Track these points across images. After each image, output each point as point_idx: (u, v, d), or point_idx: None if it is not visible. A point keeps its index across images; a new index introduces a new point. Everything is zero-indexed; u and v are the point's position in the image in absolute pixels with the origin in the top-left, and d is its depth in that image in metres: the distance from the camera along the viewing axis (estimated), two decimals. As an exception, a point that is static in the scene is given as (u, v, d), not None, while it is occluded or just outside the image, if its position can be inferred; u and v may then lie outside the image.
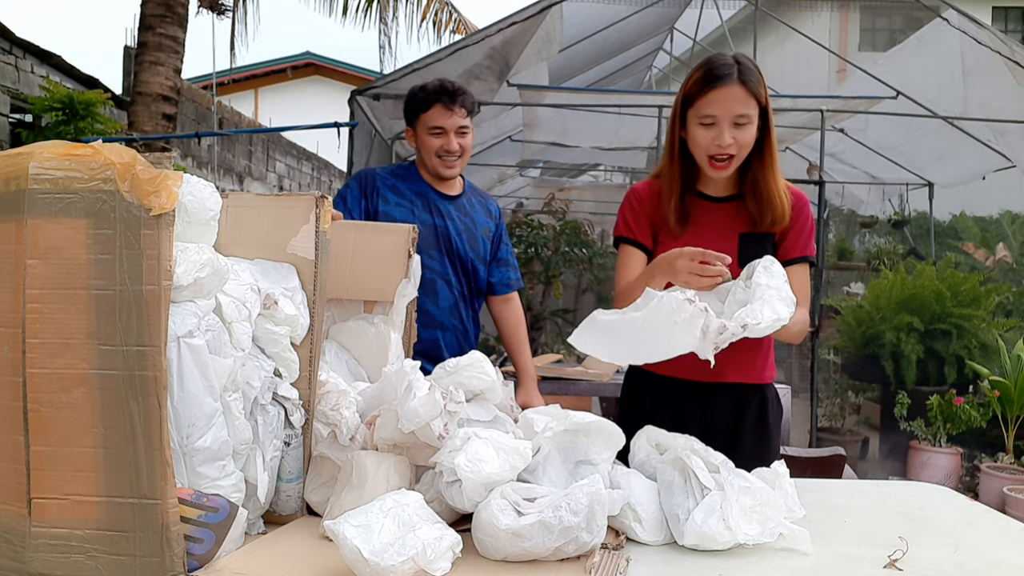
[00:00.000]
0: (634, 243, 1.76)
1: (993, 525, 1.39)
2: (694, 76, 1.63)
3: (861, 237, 8.60)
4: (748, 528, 1.16)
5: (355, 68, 15.31)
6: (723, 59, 1.61)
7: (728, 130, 1.59)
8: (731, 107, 1.58)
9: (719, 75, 1.58)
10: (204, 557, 1.03)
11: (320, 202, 1.30)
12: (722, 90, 1.58)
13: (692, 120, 1.63)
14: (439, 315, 2.26)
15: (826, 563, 1.14)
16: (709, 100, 1.59)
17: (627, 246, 1.77)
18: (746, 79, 1.58)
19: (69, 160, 1.00)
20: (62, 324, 0.99)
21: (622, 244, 1.79)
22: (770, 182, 1.67)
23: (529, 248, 5.54)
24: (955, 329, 4.83)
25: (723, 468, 1.25)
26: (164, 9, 4.54)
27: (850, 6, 8.80)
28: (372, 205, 2.24)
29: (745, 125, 1.59)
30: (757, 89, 1.59)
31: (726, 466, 1.26)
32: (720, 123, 1.59)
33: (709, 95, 1.59)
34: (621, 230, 1.79)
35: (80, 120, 4.01)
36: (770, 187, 1.67)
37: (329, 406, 1.30)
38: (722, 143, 1.59)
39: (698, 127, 1.62)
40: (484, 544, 1.10)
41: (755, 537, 1.16)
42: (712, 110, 1.59)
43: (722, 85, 1.58)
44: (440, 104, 2.20)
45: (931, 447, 4.24)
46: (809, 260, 1.75)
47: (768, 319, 1.34)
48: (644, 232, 1.76)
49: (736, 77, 1.58)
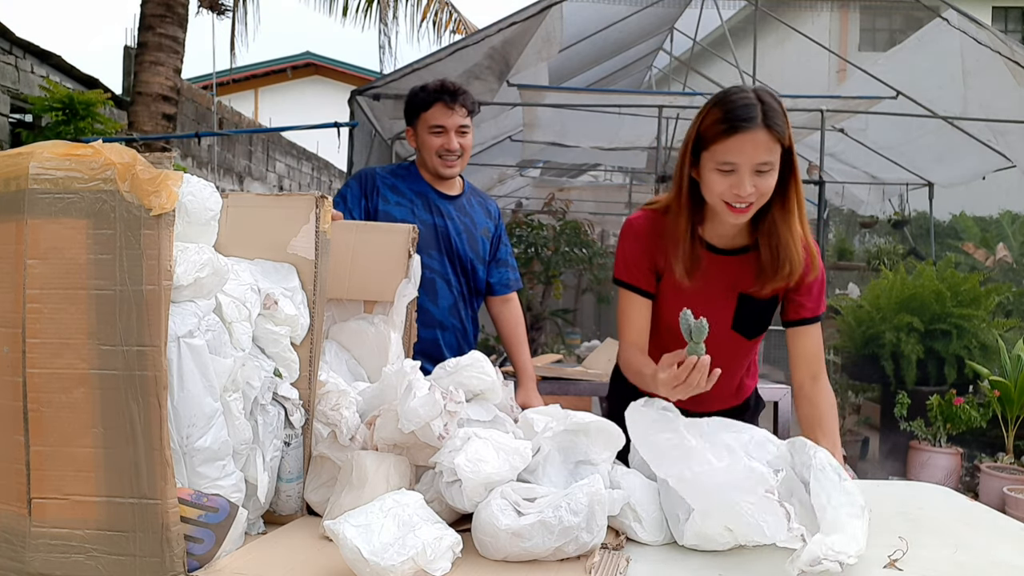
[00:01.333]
0: (636, 290, 1.62)
1: (993, 525, 1.39)
2: (712, 116, 1.44)
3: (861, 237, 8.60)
4: (747, 530, 1.16)
5: (355, 68, 15.32)
6: (744, 98, 1.41)
7: (749, 178, 1.40)
8: (754, 155, 1.39)
9: (742, 119, 1.39)
10: (204, 557, 1.03)
11: (320, 202, 1.30)
12: (745, 136, 1.39)
13: (708, 163, 1.45)
14: (439, 315, 2.27)
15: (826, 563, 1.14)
16: (729, 147, 1.40)
17: (628, 292, 1.63)
18: (771, 122, 1.39)
19: (69, 160, 1.00)
20: (62, 324, 0.99)
21: (622, 288, 1.64)
22: (791, 231, 1.50)
23: (529, 248, 5.54)
24: (955, 329, 4.83)
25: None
26: (164, 9, 4.54)
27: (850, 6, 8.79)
28: (372, 204, 2.25)
29: (767, 172, 1.42)
30: (782, 133, 1.40)
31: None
32: (740, 171, 1.40)
33: (729, 141, 1.40)
34: (621, 273, 1.64)
35: (80, 120, 4.01)
36: (787, 238, 1.50)
37: (329, 406, 1.30)
38: (742, 193, 1.41)
39: (714, 172, 1.43)
40: (484, 544, 1.10)
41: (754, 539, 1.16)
42: (733, 158, 1.40)
43: (745, 131, 1.38)
44: (441, 103, 2.20)
45: (931, 447, 4.24)
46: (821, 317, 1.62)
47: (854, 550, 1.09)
48: (646, 278, 1.61)
49: (760, 121, 1.39)
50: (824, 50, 6.81)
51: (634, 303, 1.63)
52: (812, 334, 1.62)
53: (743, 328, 1.64)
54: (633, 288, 1.62)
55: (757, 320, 1.64)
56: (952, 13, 4.84)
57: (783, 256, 1.51)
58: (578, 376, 3.49)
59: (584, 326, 7.00)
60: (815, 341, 1.63)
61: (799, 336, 1.63)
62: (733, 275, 1.59)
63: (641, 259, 1.61)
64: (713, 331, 1.62)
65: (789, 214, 1.50)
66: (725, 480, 1.16)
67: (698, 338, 1.30)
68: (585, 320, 7.31)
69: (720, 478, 1.17)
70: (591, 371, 3.52)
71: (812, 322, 1.62)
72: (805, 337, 1.62)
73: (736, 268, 1.59)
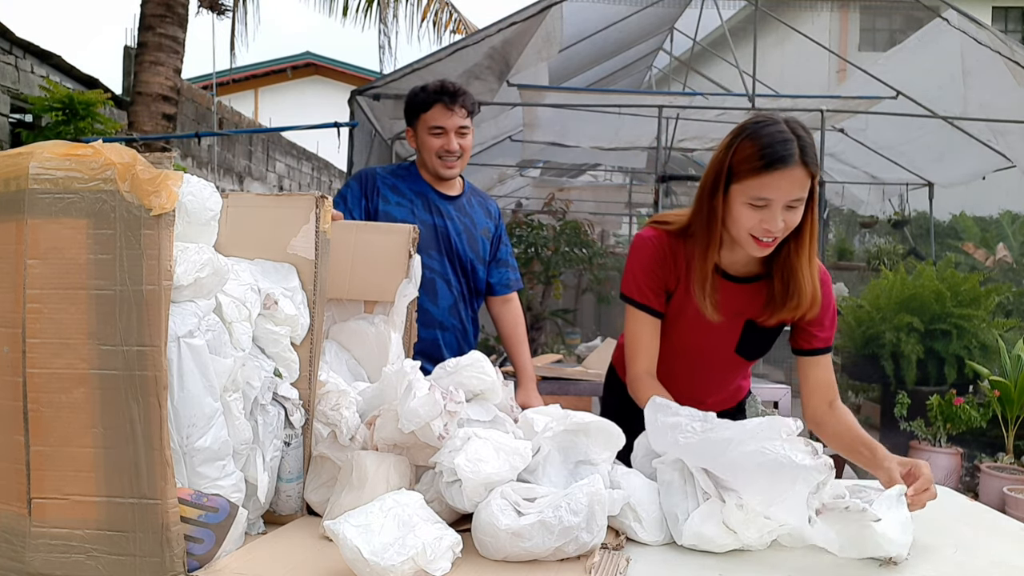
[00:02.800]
0: (647, 309, 1.59)
1: (993, 525, 1.39)
2: (746, 149, 1.39)
3: (861, 237, 8.60)
4: (747, 532, 1.16)
5: (355, 68, 15.32)
6: (781, 133, 1.38)
7: (780, 213, 1.38)
8: (789, 192, 1.37)
9: (780, 156, 1.35)
10: (204, 557, 1.03)
11: (320, 202, 1.30)
12: (783, 173, 1.35)
13: (738, 196, 1.41)
14: (439, 315, 2.27)
15: (826, 563, 1.14)
16: (765, 183, 1.36)
17: (638, 311, 1.60)
18: (807, 158, 1.37)
19: (69, 160, 1.00)
20: (62, 324, 0.99)
21: (631, 307, 1.61)
22: (804, 265, 1.48)
23: (529, 248, 5.54)
24: (955, 329, 4.83)
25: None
26: (164, 9, 4.54)
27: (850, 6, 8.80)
28: (372, 205, 2.25)
29: (797, 207, 1.40)
30: (816, 168, 1.38)
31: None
32: (773, 207, 1.38)
33: (766, 177, 1.36)
34: (632, 291, 1.60)
35: (80, 120, 4.01)
36: (803, 271, 1.48)
37: (329, 406, 1.30)
38: (773, 228, 1.39)
39: (745, 207, 1.40)
40: (484, 544, 1.10)
41: (754, 541, 1.16)
42: (768, 194, 1.37)
43: (783, 168, 1.35)
44: (440, 104, 2.20)
45: (931, 447, 4.24)
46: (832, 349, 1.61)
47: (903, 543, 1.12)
48: (658, 298, 1.59)
49: (798, 158, 1.36)
50: (824, 50, 6.81)
51: (644, 324, 1.59)
52: (824, 364, 1.59)
53: (746, 352, 1.64)
54: (644, 307, 1.59)
55: (760, 345, 1.64)
56: (952, 13, 4.85)
57: (793, 288, 1.49)
58: (578, 376, 3.49)
59: (584, 326, 7.00)
60: (827, 369, 1.59)
61: (812, 366, 1.60)
62: (742, 303, 1.57)
63: (653, 279, 1.58)
64: (715, 353, 1.63)
65: (805, 246, 1.47)
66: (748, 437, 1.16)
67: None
68: (585, 320, 7.32)
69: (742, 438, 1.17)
70: (591, 371, 3.52)
71: (824, 352, 1.59)
72: (817, 367, 1.59)
73: (746, 296, 1.57)
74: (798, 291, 1.49)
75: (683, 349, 1.64)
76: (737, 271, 1.56)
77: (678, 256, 1.56)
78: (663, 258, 1.57)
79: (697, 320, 1.55)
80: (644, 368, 1.58)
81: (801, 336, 1.59)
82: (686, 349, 1.64)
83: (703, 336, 1.60)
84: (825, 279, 1.57)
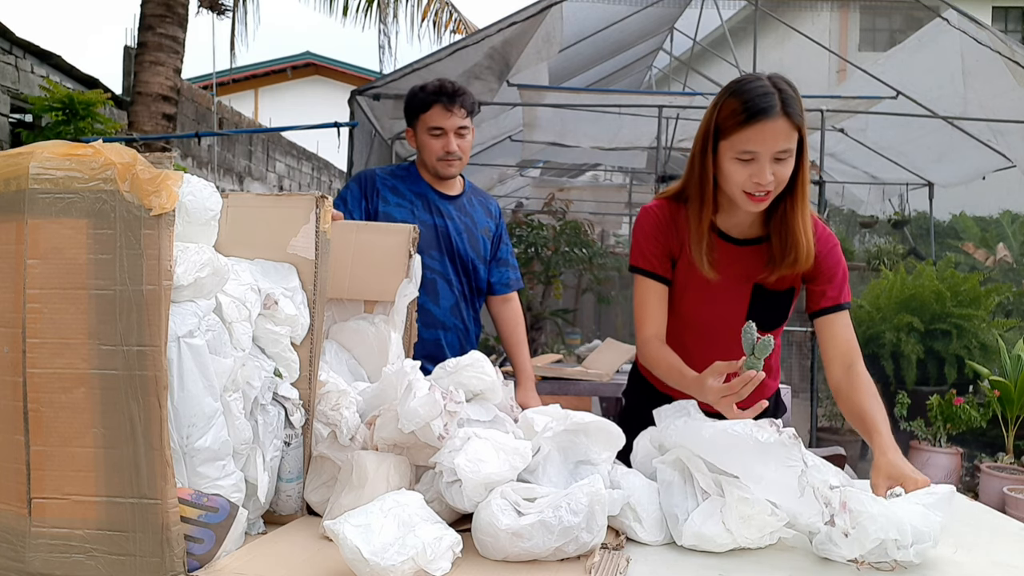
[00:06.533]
0: (653, 276, 1.62)
1: (993, 525, 1.39)
2: (729, 106, 1.44)
3: (861, 237, 8.59)
4: (747, 532, 1.16)
5: (355, 68, 15.33)
6: (762, 86, 1.42)
7: (768, 166, 1.42)
8: (773, 143, 1.41)
9: (761, 108, 1.40)
10: (204, 557, 1.03)
11: (320, 202, 1.30)
12: (765, 124, 1.40)
13: (726, 153, 1.46)
14: (440, 315, 2.27)
15: (827, 563, 1.14)
16: (749, 136, 1.41)
17: (646, 279, 1.62)
18: (790, 110, 1.40)
19: (69, 160, 1.00)
20: (62, 324, 0.99)
21: (639, 275, 1.64)
22: (798, 221, 1.52)
23: (529, 248, 5.54)
24: (955, 329, 4.83)
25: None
26: (164, 9, 4.54)
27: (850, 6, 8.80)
28: (372, 206, 2.25)
29: (785, 160, 1.43)
30: (800, 120, 1.42)
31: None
32: (760, 160, 1.42)
33: (749, 131, 1.41)
34: (637, 260, 1.63)
35: (80, 120, 4.01)
36: (797, 226, 1.52)
37: (329, 406, 1.30)
38: (762, 181, 1.43)
39: (734, 162, 1.45)
40: (484, 544, 1.10)
41: (754, 541, 1.16)
42: (753, 147, 1.42)
43: (765, 119, 1.40)
44: (440, 105, 2.20)
45: (931, 447, 4.24)
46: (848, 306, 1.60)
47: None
48: (663, 264, 1.62)
49: (780, 109, 1.40)
50: (824, 50, 6.81)
51: (651, 290, 1.62)
52: (839, 322, 1.58)
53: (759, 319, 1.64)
54: (649, 274, 1.62)
55: (773, 312, 1.64)
56: (952, 13, 4.84)
57: (791, 243, 1.53)
58: (578, 376, 3.49)
59: (584, 326, 7.00)
60: (844, 329, 1.58)
61: (826, 326, 1.59)
62: (748, 265, 1.60)
63: (656, 245, 1.61)
64: (730, 322, 1.61)
65: (799, 202, 1.51)
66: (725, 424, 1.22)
67: (760, 354, 1.30)
68: (585, 320, 7.31)
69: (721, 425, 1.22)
70: (591, 371, 3.52)
71: (837, 310, 1.58)
72: (832, 326, 1.58)
73: (750, 258, 1.59)
74: (795, 246, 1.52)
75: (695, 321, 1.65)
76: (740, 233, 1.60)
77: (679, 221, 1.60)
78: (665, 224, 1.61)
79: (705, 289, 1.56)
80: (653, 332, 1.61)
81: (811, 298, 1.62)
82: (698, 321, 1.64)
83: (713, 306, 1.62)
84: (832, 239, 1.61)
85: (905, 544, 1.09)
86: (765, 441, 1.16)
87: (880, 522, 1.09)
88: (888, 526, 1.09)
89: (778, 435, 1.16)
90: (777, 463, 1.15)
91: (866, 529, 1.09)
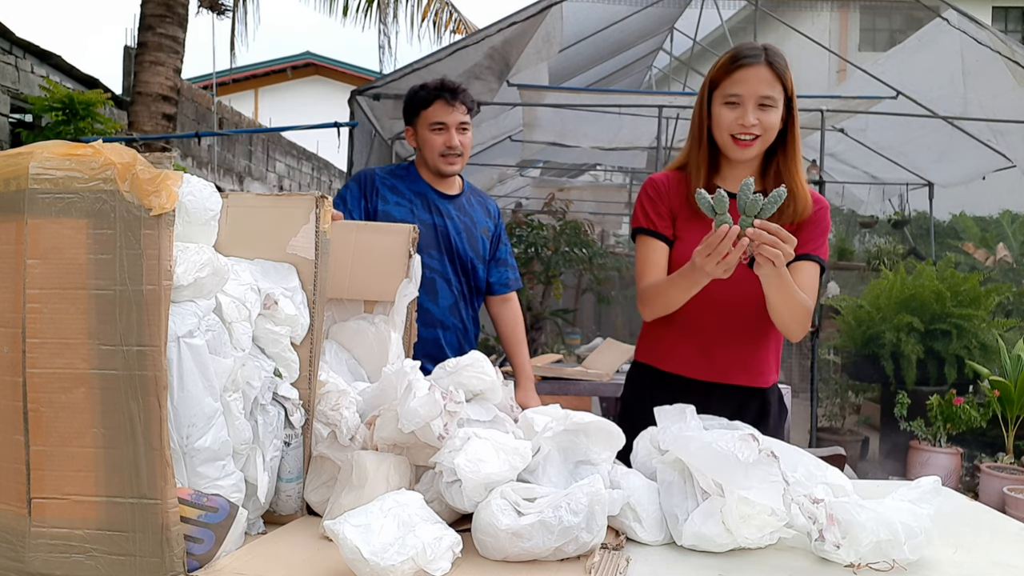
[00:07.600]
0: (654, 234, 1.71)
1: (993, 525, 1.39)
2: (721, 60, 1.65)
3: (861, 237, 8.59)
4: (747, 532, 1.16)
5: (355, 68, 15.33)
6: (751, 44, 1.64)
7: (753, 110, 1.59)
8: (757, 87, 1.59)
9: (746, 55, 1.60)
10: (204, 557, 1.03)
11: (320, 202, 1.30)
12: (749, 70, 1.59)
13: (717, 101, 1.64)
14: (439, 314, 2.27)
15: (827, 564, 1.14)
16: (735, 80, 1.60)
17: (647, 237, 1.72)
18: (773, 62, 1.60)
19: (69, 160, 1.00)
20: (62, 324, 0.99)
21: (641, 236, 1.73)
22: (793, 173, 1.65)
23: (529, 248, 5.53)
24: (955, 329, 4.83)
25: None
26: (164, 9, 4.54)
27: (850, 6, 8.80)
28: (372, 205, 2.25)
29: (770, 108, 1.60)
30: (784, 73, 1.60)
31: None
32: (745, 103, 1.59)
33: (735, 75, 1.60)
34: (640, 221, 1.73)
35: (80, 120, 4.01)
36: (793, 178, 1.64)
37: (329, 406, 1.30)
38: (746, 123, 1.59)
39: (722, 107, 1.62)
40: (484, 544, 1.10)
41: (754, 541, 1.16)
42: (737, 89, 1.60)
43: (749, 65, 1.59)
44: (442, 100, 2.20)
45: (931, 447, 4.24)
46: (820, 262, 1.69)
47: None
48: (664, 223, 1.71)
49: (763, 59, 1.60)
50: (824, 50, 6.81)
51: (652, 248, 1.71)
52: (806, 271, 1.65)
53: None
54: (651, 232, 1.71)
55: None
56: (952, 13, 4.84)
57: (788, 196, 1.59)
58: (578, 376, 3.49)
59: (584, 326, 7.00)
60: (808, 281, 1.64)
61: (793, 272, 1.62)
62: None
63: (656, 204, 1.72)
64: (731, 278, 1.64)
65: (792, 159, 1.65)
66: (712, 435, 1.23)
67: (721, 209, 1.36)
68: (585, 320, 7.31)
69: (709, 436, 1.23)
70: (591, 371, 3.52)
71: (807, 259, 1.65)
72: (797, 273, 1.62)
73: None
74: (793, 198, 1.63)
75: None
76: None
77: (680, 186, 1.72)
78: (666, 188, 1.74)
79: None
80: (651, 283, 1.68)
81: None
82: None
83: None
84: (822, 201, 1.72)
85: (899, 543, 1.09)
86: (744, 460, 1.15)
87: (870, 527, 1.09)
88: (878, 528, 1.09)
89: (758, 454, 1.16)
90: (759, 479, 1.15)
91: (857, 537, 1.09)
